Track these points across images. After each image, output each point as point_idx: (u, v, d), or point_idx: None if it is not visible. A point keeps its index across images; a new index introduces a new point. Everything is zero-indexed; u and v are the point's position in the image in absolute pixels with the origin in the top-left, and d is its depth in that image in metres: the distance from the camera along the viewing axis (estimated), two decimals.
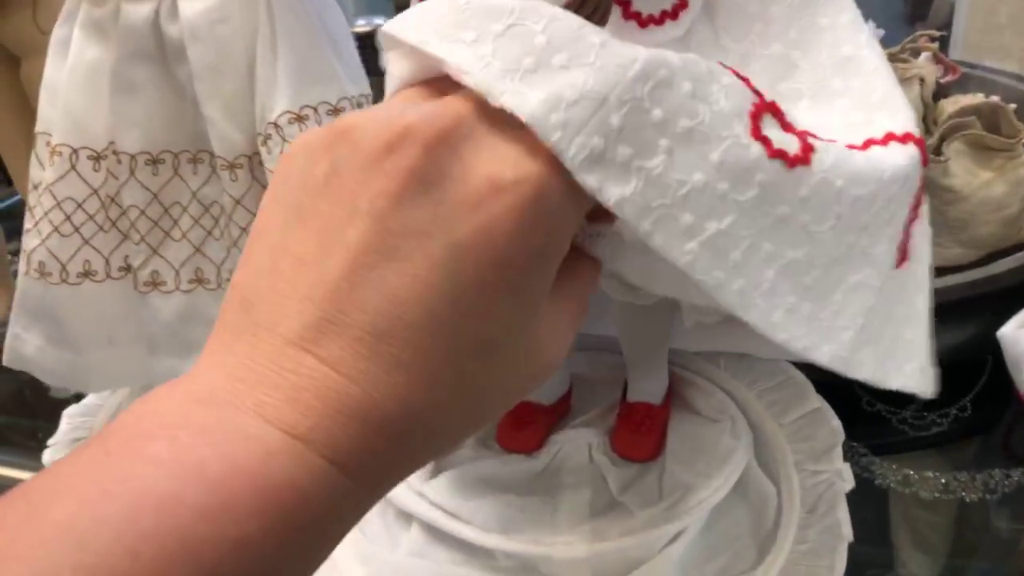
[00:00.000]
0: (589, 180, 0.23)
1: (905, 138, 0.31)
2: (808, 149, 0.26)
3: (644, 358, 0.52)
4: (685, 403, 0.54)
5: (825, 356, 0.28)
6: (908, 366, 0.33)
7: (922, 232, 0.33)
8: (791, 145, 0.26)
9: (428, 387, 0.21)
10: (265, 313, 0.21)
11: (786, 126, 0.26)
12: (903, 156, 0.29)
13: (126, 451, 0.19)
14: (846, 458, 0.55)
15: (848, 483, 0.47)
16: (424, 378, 0.21)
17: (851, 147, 0.28)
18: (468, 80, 0.23)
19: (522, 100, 0.22)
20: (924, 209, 0.32)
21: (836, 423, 0.49)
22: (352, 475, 0.20)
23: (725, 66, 0.26)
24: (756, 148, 0.25)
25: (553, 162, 0.23)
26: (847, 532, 0.44)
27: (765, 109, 0.26)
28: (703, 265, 0.24)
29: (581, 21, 0.24)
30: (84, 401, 0.66)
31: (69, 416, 0.64)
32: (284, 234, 0.22)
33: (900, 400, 0.63)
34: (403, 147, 0.22)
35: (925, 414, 0.63)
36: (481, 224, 0.21)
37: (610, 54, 0.23)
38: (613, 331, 0.53)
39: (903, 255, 0.31)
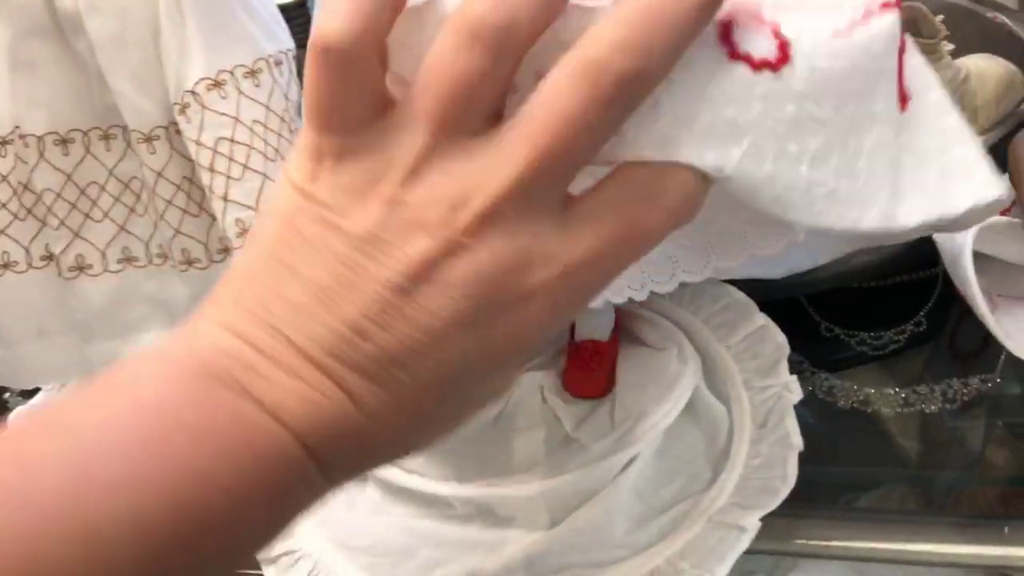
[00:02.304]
0: None
1: (883, 8, 0.31)
2: (784, 47, 0.26)
3: None
4: (632, 336, 0.53)
5: (874, 221, 0.28)
6: (975, 179, 0.34)
7: (914, 65, 0.33)
8: (769, 50, 0.26)
9: (411, 418, 0.23)
10: (286, 318, 0.23)
11: (756, 24, 0.26)
12: (881, 26, 0.30)
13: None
14: (807, 383, 0.55)
15: (796, 394, 0.47)
16: (412, 410, 0.23)
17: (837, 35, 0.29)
18: None
19: None
20: (908, 42, 0.33)
21: (781, 338, 0.49)
22: (328, 475, 0.23)
23: None
24: (739, 68, 0.25)
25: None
26: (797, 442, 0.44)
27: (729, 23, 0.26)
28: (743, 184, 0.25)
29: None
30: (32, 400, 0.65)
31: (18, 416, 0.63)
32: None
33: (856, 323, 0.63)
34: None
35: (882, 333, 0.64)
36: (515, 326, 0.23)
37: None
38: None
39: (903, 97, 0.32)
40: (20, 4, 0.46)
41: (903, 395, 0.59)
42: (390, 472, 0.47)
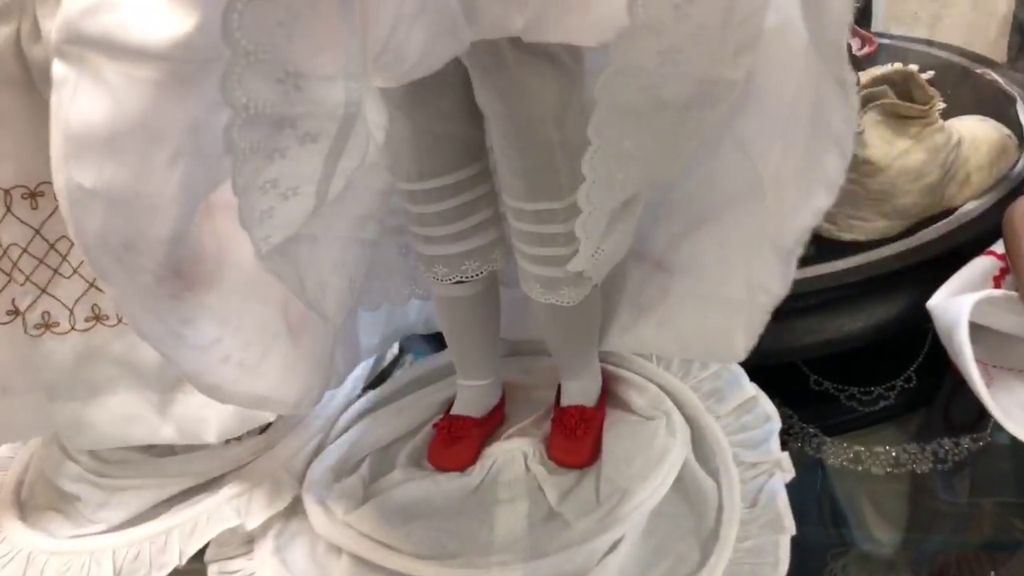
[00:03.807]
0: None
1: None
2: None
3: (573, 359, 0.50)
4: (620, 401, 0.52)
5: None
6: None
7: None
8: None
9: None
10: None
11: None
12: None
13: None
14: (797, 442, 0.54)
15: (788, 473, 0.45)
16: None
17: None
18: None
19: None
20: None
21: (772, 410, 0.48)
22: None
23: None
24: None
25: None
26: (789, 525, 0.43)
27: None
28: None
29: None
30: None
31: None
32: None
33: (847, 377, 0.62)
34: None
35: (872, 389, 0.62)
36: None
37: None
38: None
39: None
40: None
41: (893, 454, 0.58)
42: (364, 547, 0.45)
